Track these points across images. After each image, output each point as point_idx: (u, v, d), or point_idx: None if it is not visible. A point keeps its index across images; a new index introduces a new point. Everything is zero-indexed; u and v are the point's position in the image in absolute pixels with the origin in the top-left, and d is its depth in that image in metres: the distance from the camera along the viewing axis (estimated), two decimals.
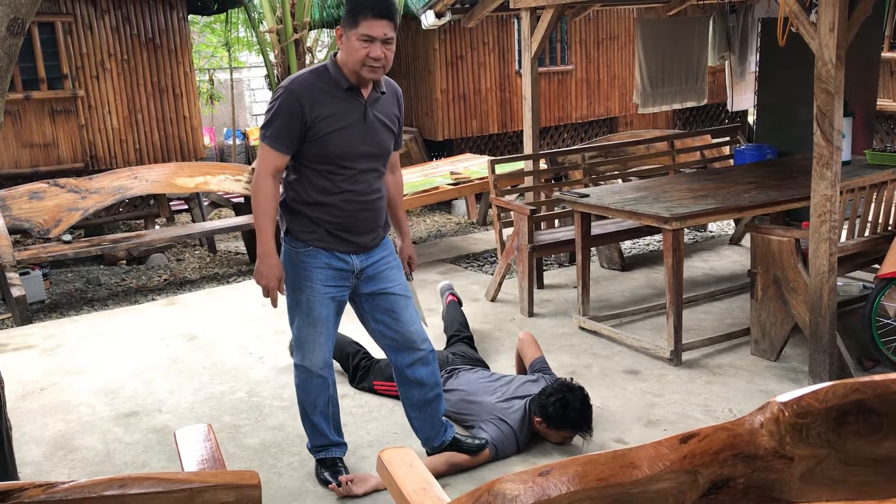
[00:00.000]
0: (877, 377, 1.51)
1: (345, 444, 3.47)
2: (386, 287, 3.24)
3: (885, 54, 8.54)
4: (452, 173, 7.58)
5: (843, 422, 1.52)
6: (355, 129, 3.01)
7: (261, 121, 14.97)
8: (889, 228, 4.41)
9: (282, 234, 3.21)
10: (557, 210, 5.89)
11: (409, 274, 3.52)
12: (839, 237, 4.03)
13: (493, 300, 5.75)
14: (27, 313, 5.83)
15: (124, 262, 7.50)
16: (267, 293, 3.11)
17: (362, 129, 3.03)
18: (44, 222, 6.40)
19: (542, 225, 6.02)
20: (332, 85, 2.98)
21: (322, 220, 3.07)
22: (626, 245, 7.03)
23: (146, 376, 4.70)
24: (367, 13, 2.85)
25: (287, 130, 2.94)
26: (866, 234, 4.35)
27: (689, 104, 8.21)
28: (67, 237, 6.83)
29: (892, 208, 4.41)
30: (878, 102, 7.33)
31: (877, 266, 4.41)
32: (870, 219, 4.35)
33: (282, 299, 3.24)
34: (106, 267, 7.46)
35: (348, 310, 3.34)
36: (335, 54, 3.03)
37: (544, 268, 6.27)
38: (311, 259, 3.12)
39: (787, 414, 1.53)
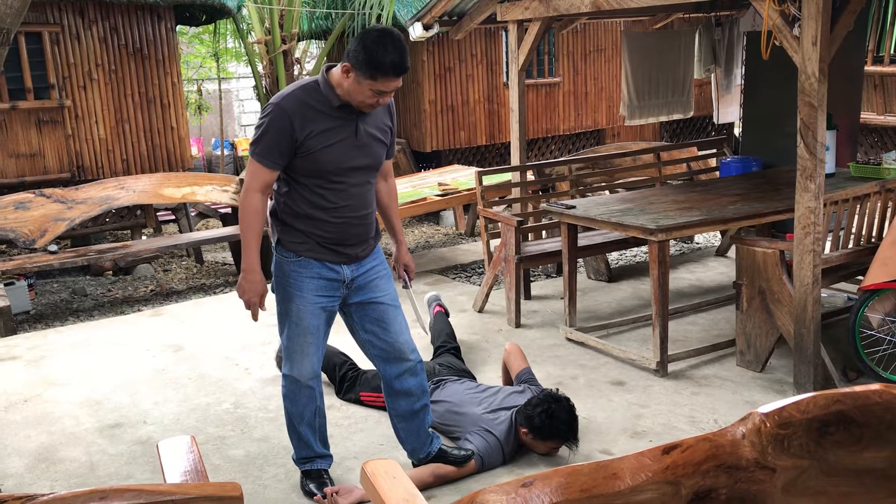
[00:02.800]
0: (857, 388, 1.52)
1: (330, 456, 3.46)
2: (376, 297, 3.24)
3: (869, 68, 8.63)
4: (440, 184, 7.59)
5: (824, 433, 1.52)
6: (347, 144, 3.00)
7: (250, 132, 15.01)
8: (872, 240, 4.45)
9: (272, 244, 3.20)
10: (545, 221, 5.90)
11: (406, 281, 3.50)
12: (823, 249, 4.06)
13: (480, 311, 5.76)
14: (11, 324, 5.79)
15: (110, 272, 7.46)
16: (248, 307, 3.10)
17: (353, 143, 3.02)
18: (29, 232, 6.36)
19: (530, 236, 6.03)
20: (322, 102, 2.96)
21: (313, 233, 3.08)
22: (613, 256, 7.05)
23: (131, 388, 4.67)
24: (388, 73, 2.82)
25: (277, 147, 2.93)
26: (850, 245, 4.38)
27: (676, 116, 8.26)
28: (53, 247, 6.79)
29: (876, 220, 4.44)
30: (862, 115, 7.40)
31: (860, 277, 4.44)
32: (853, 231, 4.39)
33: (272, 308, 3.24)
34: (92, 277, 7.42)
35: (335, 320, 3.33)
36: (327, 69, 3.00)
37: (532, 279, 6.28)
38: (302, 269, 3.12)
39: (768, 425, 1.54)
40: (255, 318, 3.14)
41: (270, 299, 3.20)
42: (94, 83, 7.58)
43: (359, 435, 3.92)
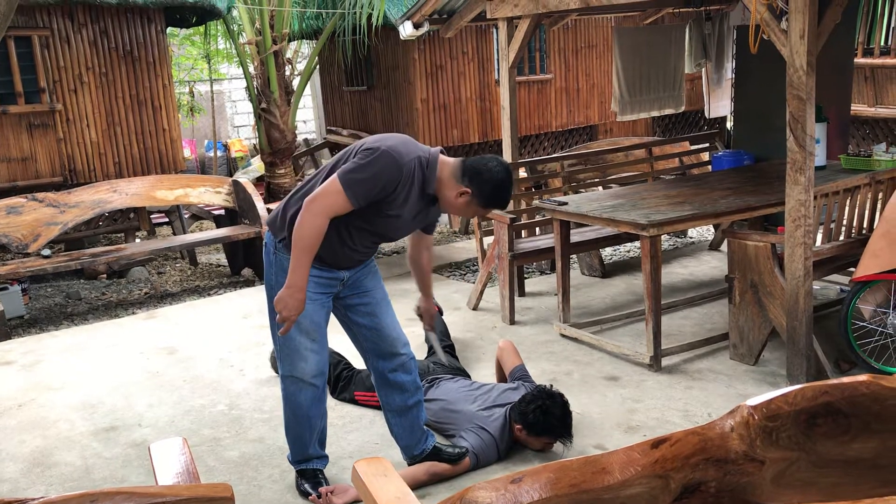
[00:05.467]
0: (845, 379, 1.53)
1: (326, 457, 3.46)
2: (367, 291, 3.28)
3: (859, 60, 8.65)
4: None
5: (812, 424, 1.53)
6: (408, 219, 3.08)
7: (243, 132, 14.93)
8: (863, 232, 4.46)
9: (273, 240, 3.16)
10: (538, 218, 5.91)
11: (430, 329, 3.58)
12: (814, 241, 4.07)
13: (474, 308, 5.76)
14: (6, 329, 5.78)
15: (105, 275, 7.45)
16: (282, 321, 3.03)
17: (411, 221, 3.11)
18: (22, 237, 6.35)
19: (523, 233, 6.04)
20: (421, 181, 2.99)
21: (322, 253, 3.08)
22: (607, 252, 7.06)
23: (126, 390, 4.66)
24: (499, 208, 3.10)
25: (371, 192, 2.91)
26: (841, 237, 4.39)
27: (668, 111, 8.27)
28: (47, 252, 6.78)
29: (866, 212, 4.45)
30: (853, 107, 7.41)
31: (852, 269, 4.45)
32: (844, 223, 4.39)
33: (264, 309, 3.24)
34: (86, 281, 7.41)
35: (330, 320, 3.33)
36: (441, 151, 3.06)
37: (526, 276, 6.29)
38: None
39: (756, 417, 1.55)
40: (286, 332, 3.08)
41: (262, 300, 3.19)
42: (85, 86, 7.56)
43: (354, 434, 3.92)
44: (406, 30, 6.50)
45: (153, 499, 1.50)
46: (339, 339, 4.00)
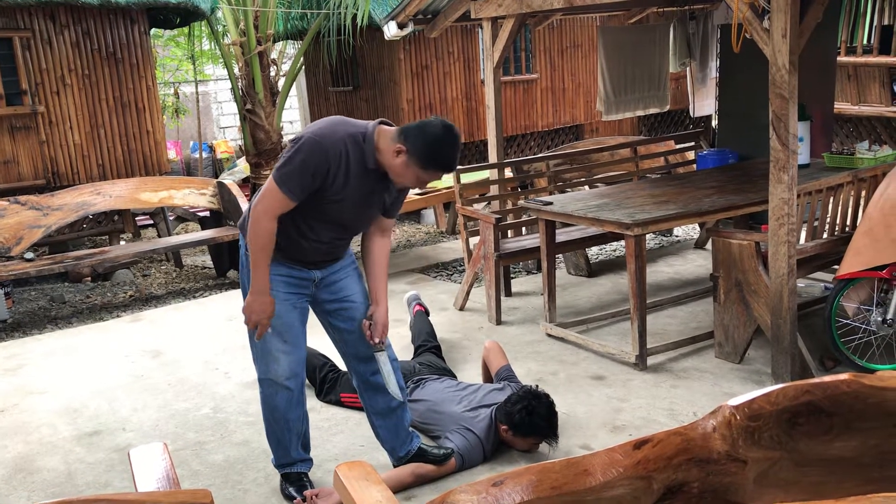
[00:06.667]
0: (827, 378, 1.53)
1: (310, 460, 3.44)
2: (346, 295, 3.25)
3: (843, 58, 8.68)
4: None
5: (794, 423, 1.53)
6: (357, 202, 3.02)
7: (229, 133, 14.86)
8: (847, 230, 4.47)
9: (244, 242, 3.16)
10: (524, 218, 5.91)
11: (380, 344, 3.23)
12: (798, 240, 4.08)
13: (461, 309, 5.75)
14: None
15: (89, 278, 7.40)
16: (253, 326, 3.05)
17: (362, 203, 3.04)
18: (5, 240, 6.29)
19: (510, 233, 6.04)
20: (359, 158, 2.93)
21: (287, 247, 3.08)
22: (594, 251, 7.07)
23: (110, 394, 4.63)
24: (439, 169, 2.92)
25: (305, 182, 2.88)
26: (824, 236, 4.41)
27: (652, 111, 8.29)
28: (30, 255, 6.72)
29: (849, 210, 4.47)
30: (836, 106, 7.45)
31: (836, 267, 4.47)
32: (828, 221, 4.41)
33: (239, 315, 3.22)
34: (70, 284, 7.35)
35: (315, 323, 3.32)
36: (379, 122, 2.98)
37: (512, 275, 6.28)
38: (272, 269, 3.10)
39: (738, 417, 1.55)
40: (259, 337, 3.09)
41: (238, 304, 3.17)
42: (68, 88, 7.50)
43: (339, 437, 3.91)
44: (390, 30, 6.49)
45: None
46: (324, 342, 3.98)
